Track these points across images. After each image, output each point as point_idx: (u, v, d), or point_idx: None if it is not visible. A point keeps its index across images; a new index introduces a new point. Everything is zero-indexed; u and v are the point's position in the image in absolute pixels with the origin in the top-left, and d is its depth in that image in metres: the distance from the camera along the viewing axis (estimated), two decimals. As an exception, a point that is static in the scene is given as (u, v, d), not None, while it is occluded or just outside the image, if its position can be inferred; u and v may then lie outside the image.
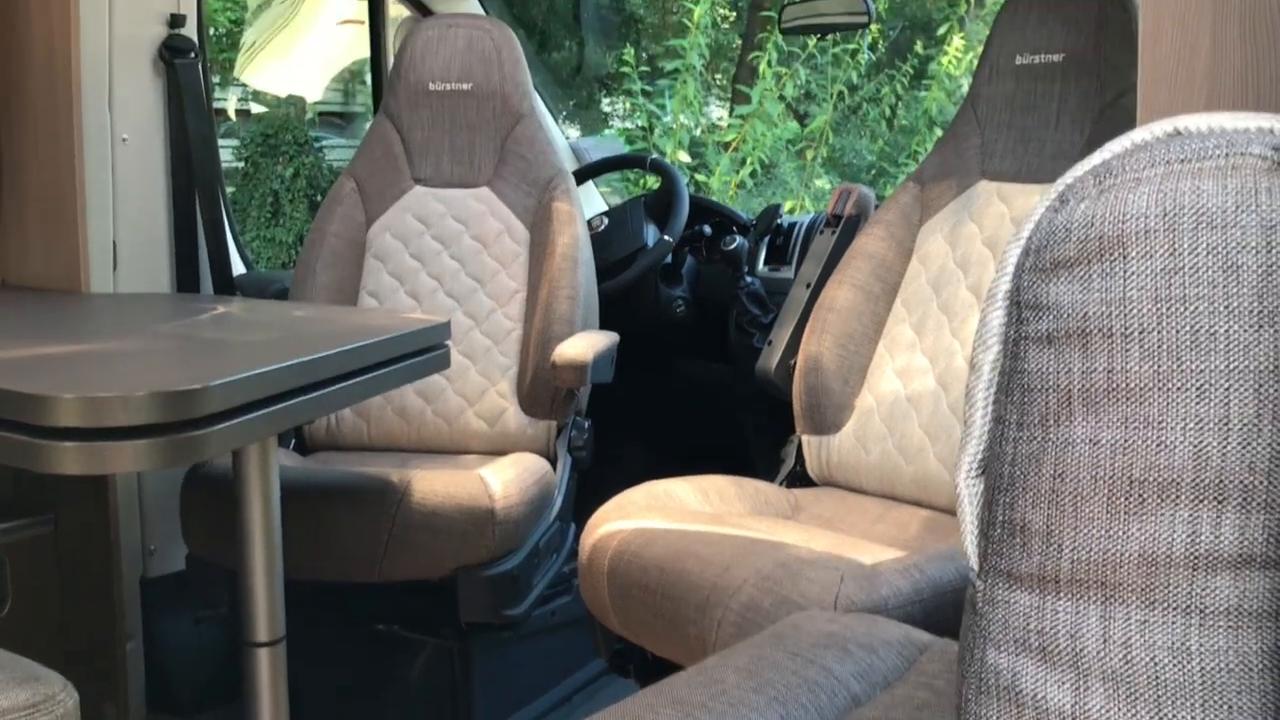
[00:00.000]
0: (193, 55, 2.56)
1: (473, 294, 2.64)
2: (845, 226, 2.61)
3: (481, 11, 3.36)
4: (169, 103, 2.56)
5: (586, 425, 2.54)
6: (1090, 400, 0.67)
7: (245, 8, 8.82)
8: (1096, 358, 0.66)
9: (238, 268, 2.83)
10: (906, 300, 2.29)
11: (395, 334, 1.76)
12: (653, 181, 4.16)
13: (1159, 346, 0.64)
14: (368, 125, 2.85)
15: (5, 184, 2.34)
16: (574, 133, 9.89)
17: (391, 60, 3.06)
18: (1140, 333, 0.65)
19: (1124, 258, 0.65)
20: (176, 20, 2.54)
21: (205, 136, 2.61)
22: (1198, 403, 0.64)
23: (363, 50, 3.50)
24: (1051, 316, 0.69)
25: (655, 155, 3.43)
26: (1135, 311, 0.65)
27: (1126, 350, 0.65)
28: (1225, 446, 0.63)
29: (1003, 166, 2.23)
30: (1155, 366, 0.65)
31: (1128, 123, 2.12)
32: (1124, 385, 0.65)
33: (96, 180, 2.39)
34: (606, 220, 3.18)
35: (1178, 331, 0.64)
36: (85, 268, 2.27)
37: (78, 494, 2.17)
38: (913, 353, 2.24)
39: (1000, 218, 2.20)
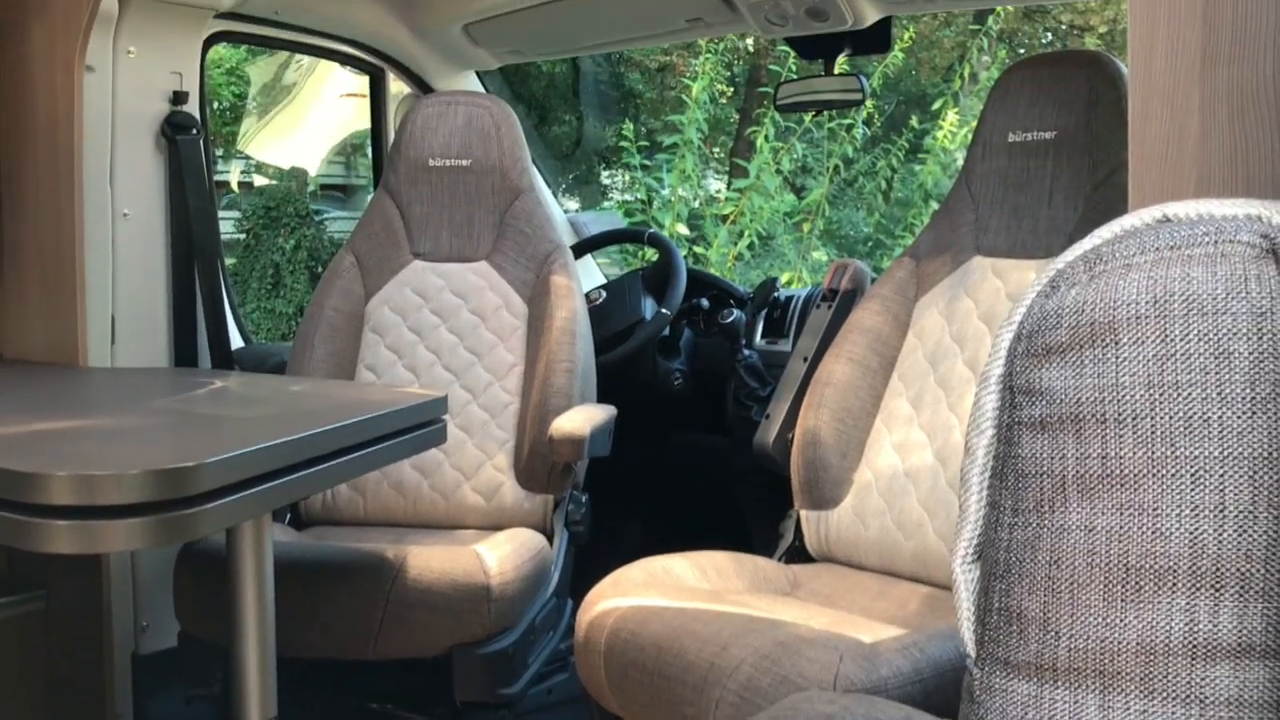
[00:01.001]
0: (194, 131, 2.59)
1: (470, 367, 2.64)
2: (842, 301, 2.62)
3: (481, 89, 3.41)
4: (170, 178, 2.58)
5: (584, 499, 2.53)
6: (1085, 486, 0.67)
7: (249, 82, 8.95)
8: (1090, 443, 0.66)
9: (236, 341, 2.84)
10: (903, 375, 2.29)
11: (392, 409, 1.76)
12: (651, 254, 4.19)
13: (1153, 432, 0.64)
14: (368, 198, 2.87)
15: (6, 258, 2.36)
16: (573, 205, 9.97)
17: (392, 136, 3.11)
18: (1134, 419, 0.65)
19: (1116, 344, 0.66)
20: (179, 97, 2.58)
21: (206, 211, 2.63)
22: (1193, 489, 0.63)
23: (364, 123, 3.54)
24: (1045, 402, 0.69)
25: (653, 229, 3.45)
26: (1128, 397, 0.65)
27: (1120, 436, 0.65)
28: (1221, 534, 0.63)
29: (997, 242, 2.25)
30: (1149, 453, 0.64)
31: (1120, 200, 2.14)
32: (1118, 471, 0.65)
33: (96, 255, 2.41)
34: (605, 293, 3.20)
35: (1171, 418, 0.64)
36: (83, 342, 2.27)
37: (71, 570, 2.15)
38: (910, 427, 2.23)
39: (995, 293, 2.21)
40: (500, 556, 2.14)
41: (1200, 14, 1.32)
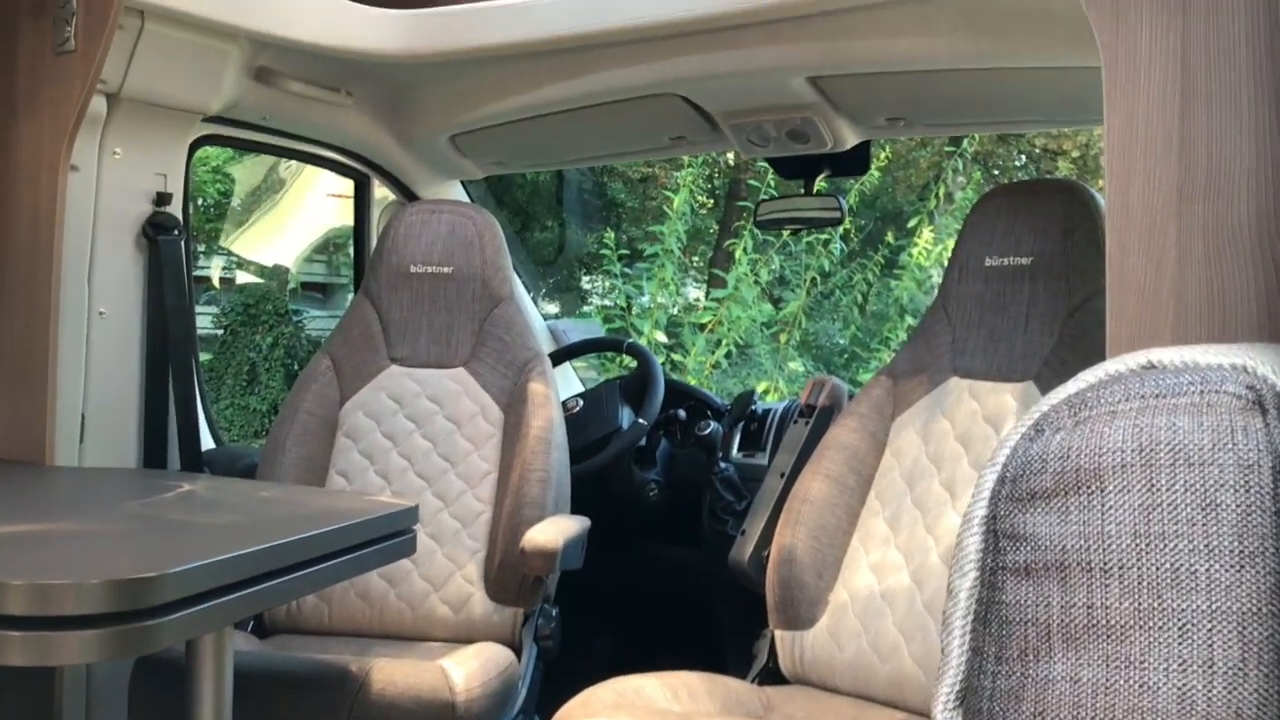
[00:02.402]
0: (176, 232, 2.60)
1: (443, 474, 2.61)
2: (819, 417, 2.62)
3: (466, 198, 3.45)
4: (149, 278, 2.58)
5: (554, 613, 2.48)
6: (1070, 636, 0.65)
7: (234, 181, 9.02)
8: (1076, 592, 0.65)
9: (207, 442, 2.81)
10: (880, 493, 2.28)
11: (361, 519, 1.72)
12: (629, 361, 4.20)
13: (1139, 583, 0.63)
14: (348, 296, 2.87)
15: (-22, 352, 2.33)
16: (553, 309, 10.02)
17: (375, 241, 3.12)
18: (1120, 568, 0.64)
19: (1102, 491, 0.65)
20: (162, 198, 2.59)
21: (183, 311, 2.62)
22: (1180, 643, 0.62)
23: (348, 220, 3.56)
24: (1029, 548, 0.68)
25: (632, 339, 3.46)
26: (1114, 546, 0.64)
27: (1106, 586, 0.64)
28: (1211, 691, 0.61)
29: (974, 365, 2.26)
30: (1136, 603, 0.63)
31: (1096, 326, 2.16)
32: (1104, 622, 0.64)
33: (70, 352, 2.39)
34: (582, 402, 3.19)
35: (1158, 569, 0.63)
36: (50, 440, 2.23)
37: (21, 680, 2.08)
38: (887, 548, 2.21)
39: (972, 415, 2.21)
40: (467, 673, 2.09)
41: (1176, 151, 1.35)
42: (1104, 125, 1.39)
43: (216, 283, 9.27)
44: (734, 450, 3.08)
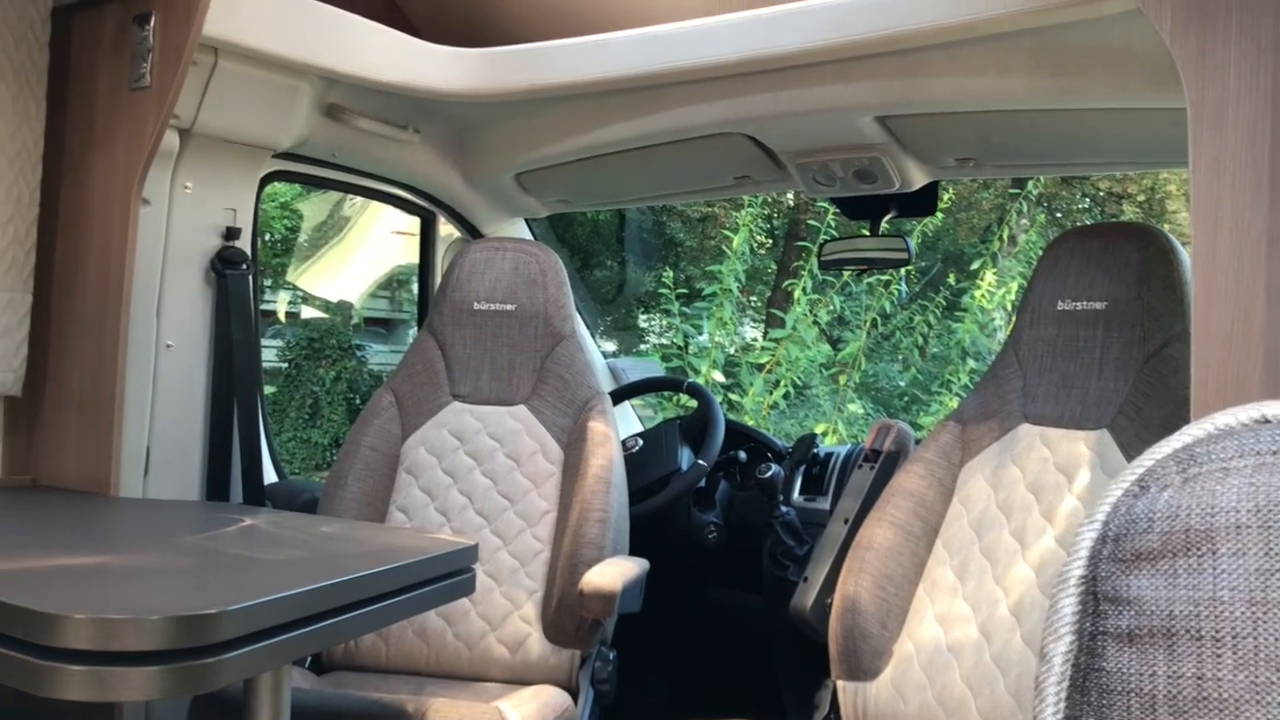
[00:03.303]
0: (244, 267, 2.62)
1: (503, 512, 2.60)
2: (884, 462, 2.57)
3: (529, 235, 3.45)
4: (216, 312, 2.60)
5: (611, 656, 2.44)
6: (1178, 709, 0.61)
7: (301, 217, 9.16)
8: (1184, 662, 0.61)
9: (269, 476, 2.82)
10: (948, 542, 2.22)
11: (421, 557, 1.71)
12: (688, 400, 4.16)
13: (1255, 655, 0.59)
14: (410, 331, 2.88)
15: (50, 384, 2.36)
16: (610, 346, 10.02)
17: (439, 278, 3.13)
18: (1233, 638, 0.59)
19: (1214, 554, 0.61)
20: (232, 233, 2.61)
21: (249, 345, 2.64)
22: (1300, 721, 0.58)
23: (411, 257, 3.59)
24: (1133, 612, 0.64)
25: (692, 379, 3.43)
26: (1227, 614, 0.60)
27: (1218, 656, 0.60)
28: (1334, 774, 0.57)
29: (1045, 411, 2.20)
30: (1251, 677, 0.59)
31: (1172, 373, 2.09)
32: (1216, 695, 0.60)
33: (137, 385, 2.41)
34: (641, 441, 3.16)
35: (1276, 639, 0.59)
36: (116, 472, 2.25)
37: (80, 715, 2.08)
38: (954, 598, 2.15)
39: (1044, 462, 2.15)
40: (524, 714, 2.06)
41: (1266, 197, 1.30)
42: (1190, 166, 1.35)
43: (282, 317, 9.40)
44: (795, 494, 3.03)
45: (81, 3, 2.28)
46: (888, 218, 2.88)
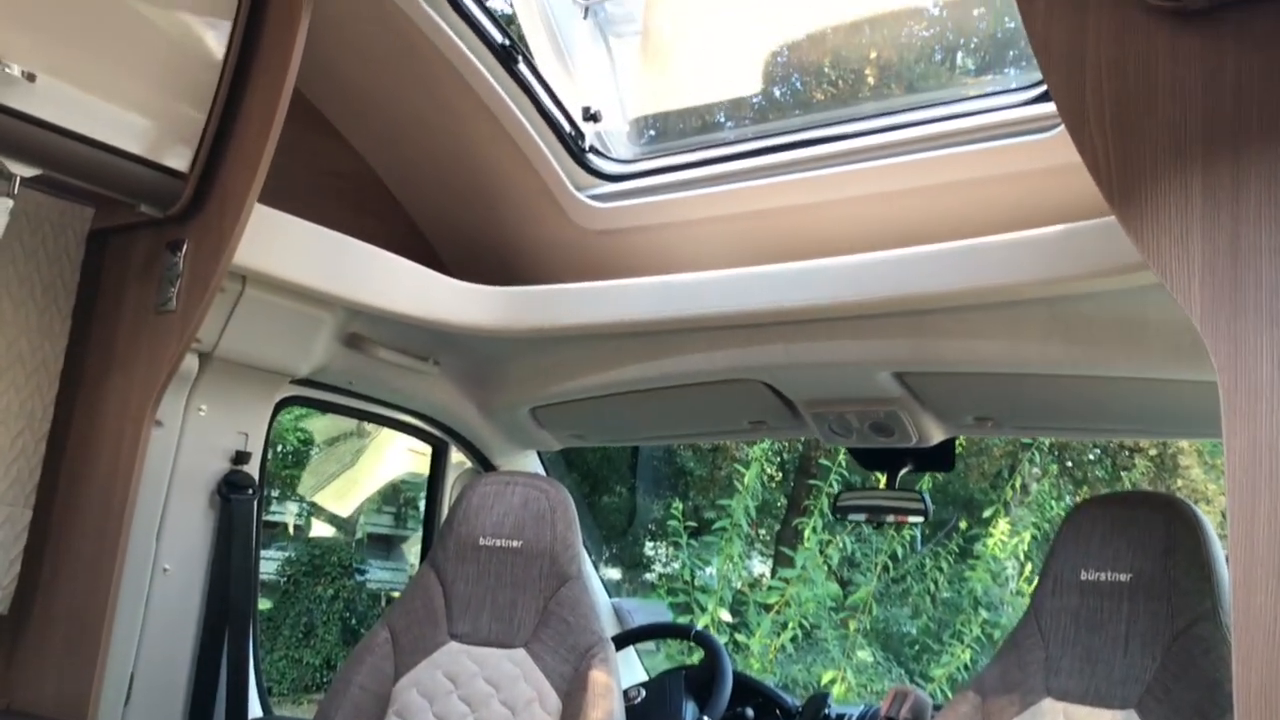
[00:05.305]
0: (250, 492, 2.59)
1: (494, 764, 2.46)
2: (899, 730, 2.45)
3: (541, 470, 3.43)
4: (217, 536, 2.55)
5: None
6: None
7: (312, 432, 9.19)
8: None
9: (254, 708, 2.70)
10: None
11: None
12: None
13: None
14: (414, 549, 2.82)
15: (38, 604, 2.29)
16: (615, 574, 9.85)
17: (447, 507, 3.09)
18: None
19: None
20: (241, 457, 2.60)
21: (247, 572, 2.58)
22: None
23: (421, 467, 3.55)
24: None
25: (700, 627, 3.33)
26: None
27: None
28: None
29: (1069, 685, 2.10)
30: None
31: (1202, 654, 2.01)
32: None
33: (128, 609, 2.34)
34: (644, 692, 3.03)
35: None
36: (96, 700, 2.15)
37: None
38: None
39: (1069, 744, 2.04)
40: None
41: (1304, 490, 1.26)
42: (1224, 450, 1.32)
43: (290, 529, 9.32)
44: (805, 756, 2.88)
45: (117, 227, 2.33)
46: (904, 471, 2.85)
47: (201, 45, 2.12)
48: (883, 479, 2.94)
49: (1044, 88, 2.12)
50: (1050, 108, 2.08)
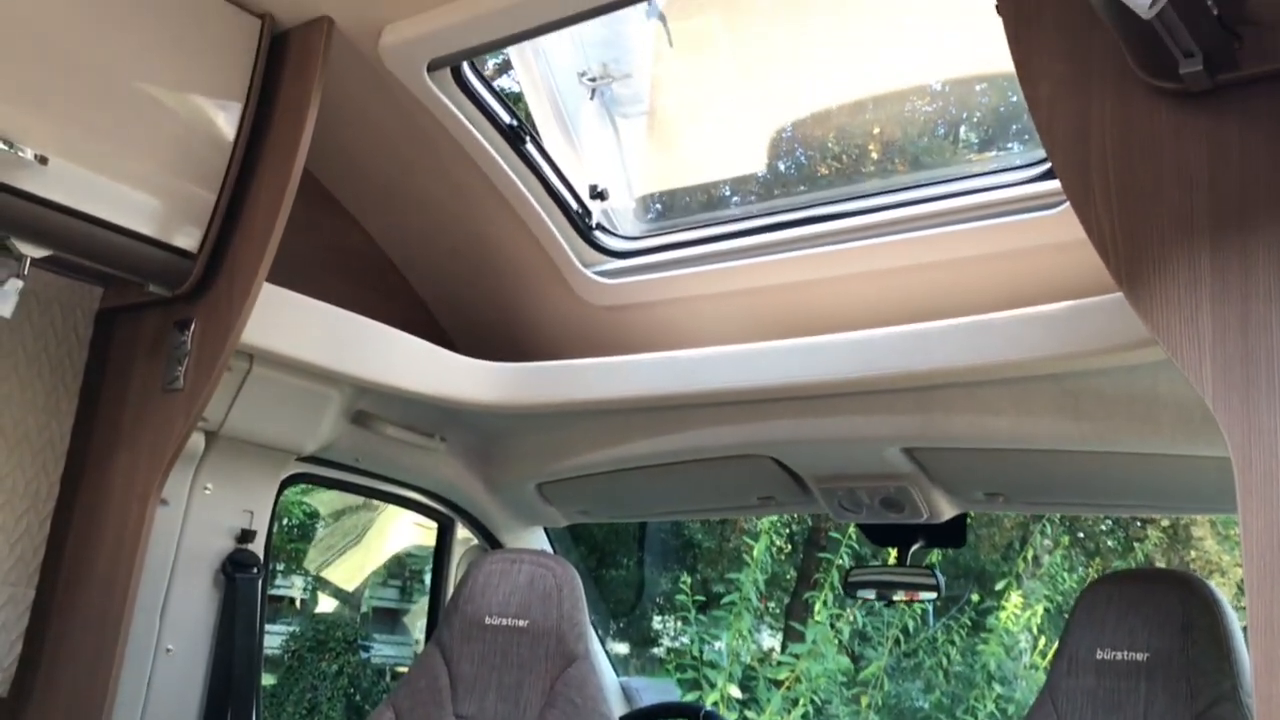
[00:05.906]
0: (255, 570, 2.56)
1: None
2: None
3: (548, 546, 3.40)
4: (221, 615, 2.52)
5: None
6: None
7: (317, 506, 9.14)
8: None
9: (254, 794, 2.65)
10: None
11: None
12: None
13: None
14: (419, 623, 2.77)
15: (40, 684, 2.26)
16: (622, 648, 9.72)
17: (452, 585, 3.05)
18: None
19: None
20: (246, 535, 2.58)
21: (250, 651, 2.55)
22: None
23: (427, 540, 3.52)
24: None
25: (709, 708, 3.27)
26: None
27: None
28: None
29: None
30: None
31: (1225, 736, 1.96)
32: None
33: (130, 691, 2.31)
34: (653, 773, 2.98)
35: None
36: (91, 786, 2.12)
37: None
38: None
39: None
40: None
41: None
42: (1240, 529, 1.30)
43: (295, 604, 9.24)
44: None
45: (126, 306, 2.34)
46: (915, 547, 2.82)
47: (213, 126, 2.15)
48: (893, 554, 2.91)
49: (1048, 165, 2.13)
50: (1055, 184, 2.09)
